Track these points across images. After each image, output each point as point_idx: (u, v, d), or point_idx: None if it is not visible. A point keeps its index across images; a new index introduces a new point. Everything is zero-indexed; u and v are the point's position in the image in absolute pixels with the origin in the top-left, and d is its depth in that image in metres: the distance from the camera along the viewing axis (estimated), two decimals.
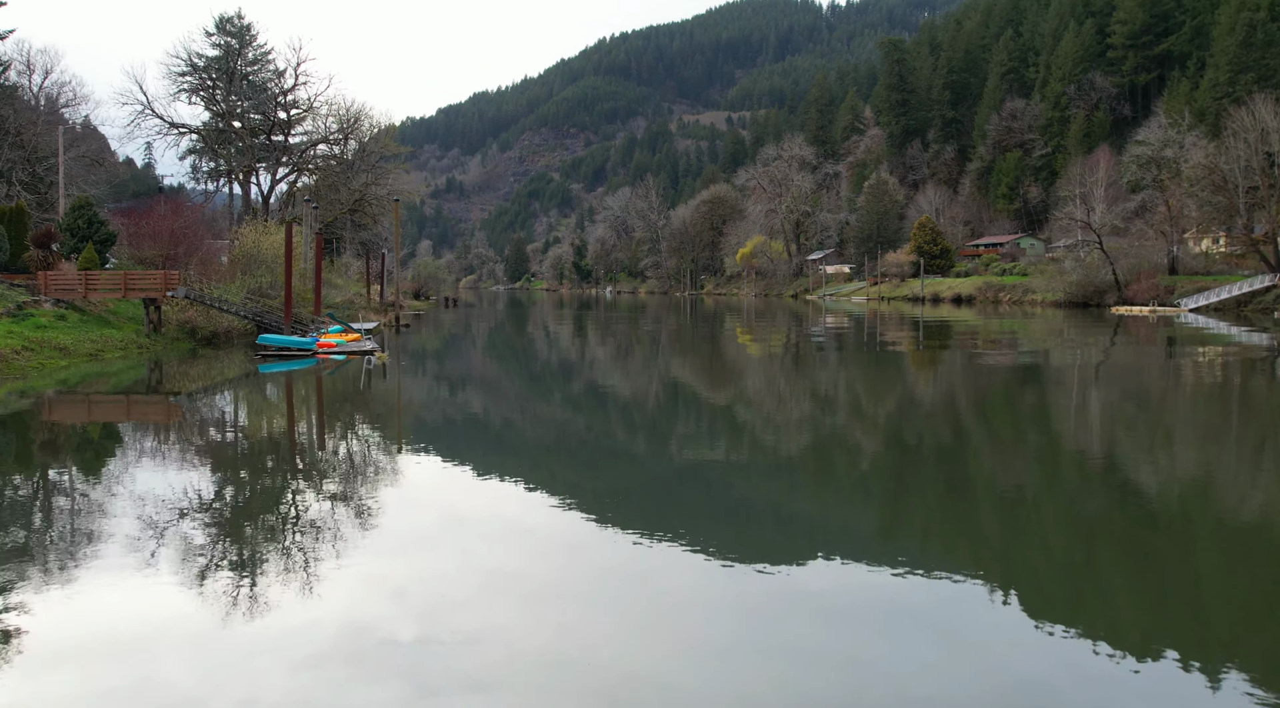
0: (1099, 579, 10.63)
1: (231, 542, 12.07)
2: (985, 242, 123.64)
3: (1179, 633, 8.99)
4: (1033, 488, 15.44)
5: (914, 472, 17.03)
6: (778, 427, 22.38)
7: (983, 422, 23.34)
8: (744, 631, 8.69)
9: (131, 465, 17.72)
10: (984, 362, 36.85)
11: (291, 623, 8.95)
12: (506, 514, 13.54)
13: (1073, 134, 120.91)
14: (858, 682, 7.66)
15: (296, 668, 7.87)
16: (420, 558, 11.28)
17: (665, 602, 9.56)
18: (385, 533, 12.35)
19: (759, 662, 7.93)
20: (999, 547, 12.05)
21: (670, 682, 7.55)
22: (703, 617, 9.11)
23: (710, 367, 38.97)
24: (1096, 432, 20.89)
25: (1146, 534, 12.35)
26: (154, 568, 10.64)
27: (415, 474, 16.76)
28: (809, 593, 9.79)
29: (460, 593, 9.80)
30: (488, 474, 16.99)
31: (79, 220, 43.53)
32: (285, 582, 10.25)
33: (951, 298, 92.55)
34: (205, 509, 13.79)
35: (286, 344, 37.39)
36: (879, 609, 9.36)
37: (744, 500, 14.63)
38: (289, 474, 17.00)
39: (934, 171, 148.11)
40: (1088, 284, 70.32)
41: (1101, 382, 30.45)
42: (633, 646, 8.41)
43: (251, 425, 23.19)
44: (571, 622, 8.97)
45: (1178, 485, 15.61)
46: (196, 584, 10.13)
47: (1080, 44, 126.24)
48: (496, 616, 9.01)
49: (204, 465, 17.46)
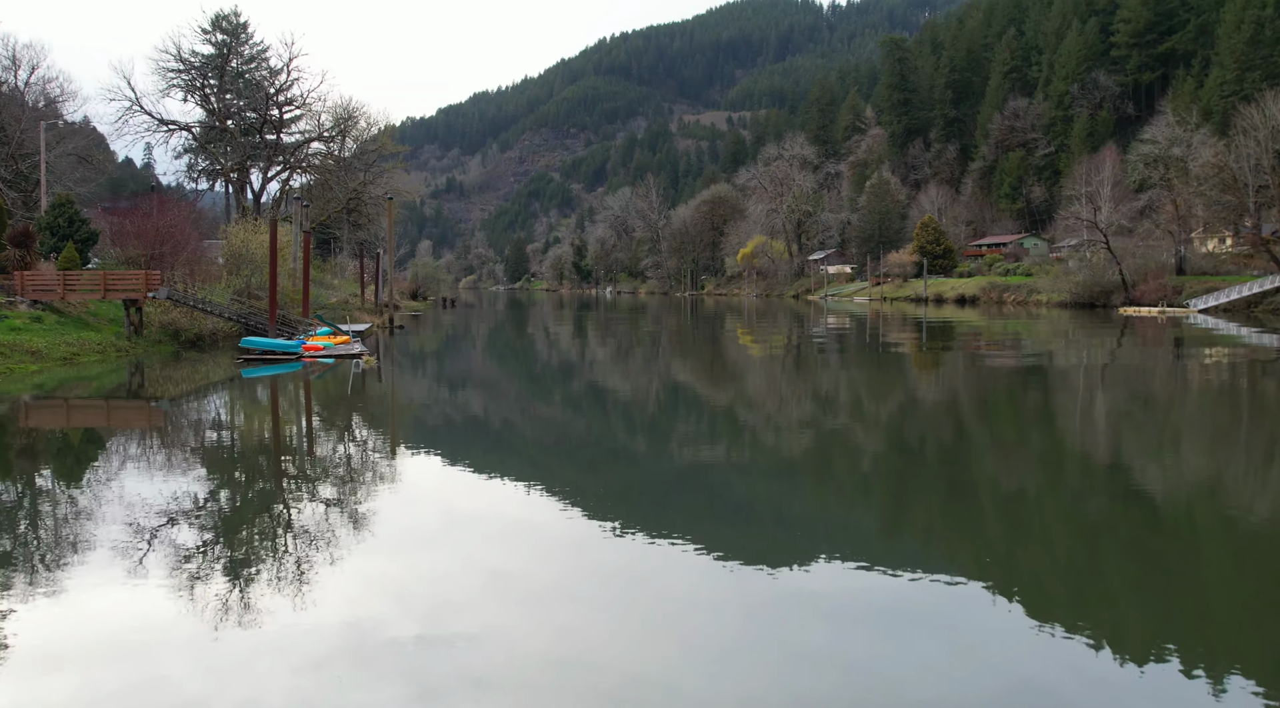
0: (1103, 582, 10.53)
1: (226, 546, 11.97)
2: (988, 242, 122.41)
3: (1185, 637, 8.83)
4: (1037, 490, 15.20)
5: (917, 473, 16.73)
6: (780, 428, 21.95)
7: (987, 424, 22.45)
8: (746, 632, 8.66)
9: (118, 470, 17.15)
10: (989, 363, 35.66)
11: (292, 625, 8.90)
12: (507, 515, 13.52)
13: (1076, 133, 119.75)
14: (861, 684, 7.62)
15: (298, 670, 7.81)
16: (420, 559, 11.23)
17: (668, 603, 9.54)
18: (384, 535, 12.20)
19: (761, 663, 7.90)
20: (1002, 549, 11.92)
21: (673, 683, 7.53)
22: (705, 618, 9.07)
23: (712, 368, 37.77)
24: (1102, 434, 20.03)
25: (1152, 537, 12.17)
26: (151, 572, 10.53)
27: (410, 477, 16.45)
28: (812, 594, 9.73)
29: (462, 595, 9.78)
30: (485, 475, 16.74)
31: (59, 218, 42.33)
32: (284, 584, 10.18)
33: (955, 298, 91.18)
34: (199, 513, 13.60)
35: (271, 348, 35.70)
36: (882, 611, 9.29)
37: (746, 502, 14.49)
38: (281, 478, 16.63)
39: (936, 171, 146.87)
40: (1094, 285, 68.88)
41: (1109, 383, 29.27)
42: (636, 647, 8.39)
43: (240, 430, 22.03)
44: (574, 623, 8.94)
45: (1185, 488, 15.30)
46: (193, 588, 10.04)
47: (1084, 42, 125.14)
48: (499, 616, 9.00)
49: (190, 470, 16.85)
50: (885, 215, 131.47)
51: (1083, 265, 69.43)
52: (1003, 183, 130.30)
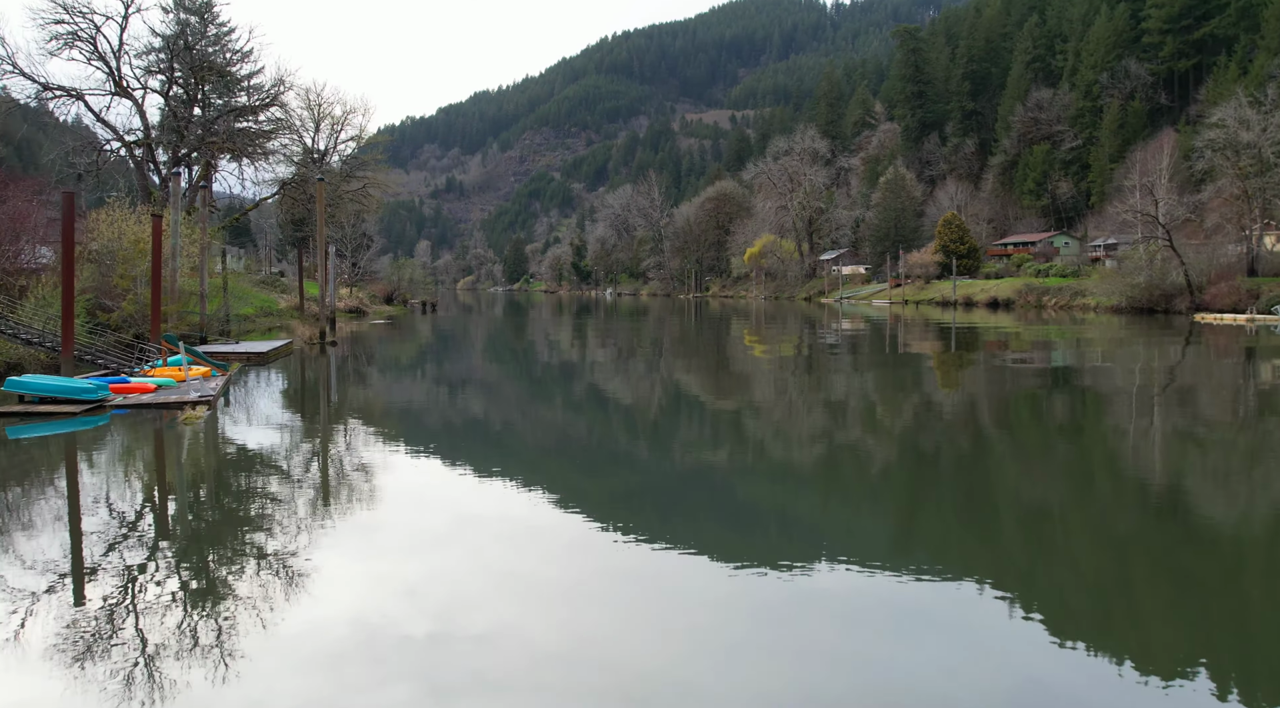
0: (1134, 598, 9.49)
1: (226, 548, 11.10)
2: (1014, 240, 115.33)
3: (1221, 661, 7.90)
4: (1129, 526, 12.60)
5: (979, 496, 14.57)
6: (805, 441, 19.56)
7: (1065, 456, 16.27)
8: (760, 631, 8.50)
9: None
10: (1079, 388, 28.37)
11: (301, 624, 8.55)
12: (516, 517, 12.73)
13: (1106, 125, 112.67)
14: (877, 682, 7.41)
15: (307, 669, 7.61)
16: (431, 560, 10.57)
17: (680, 602, 9.31)
18: (392, 538, 11.38)
19: (776, 661, 7.75)
20: (1043, 567, 10.68)
21: (688, 681, 7.40)
22: (718, 617, 8.90)
23: (729, 384, 30.35)
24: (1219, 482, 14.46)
25: (1193, 558, 10.89)
26: (157, 569, 10.19)
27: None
28: (825, 594, 9.45)
29: (475, 594, 9.47)
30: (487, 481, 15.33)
31: None
32: (291, 585, 9.63)
33: (987, 302, 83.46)
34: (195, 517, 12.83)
35: (53, 391, 21.59)
36: (897, 612, 8.95)
37: (759, 506, 14.08)
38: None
39: (953, 166, 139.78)
40: (1154, 287, 61.17)
41: (1243, 418, 21.89)
42: (649, 645, 8.22)
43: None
44: (587, 622, 8.78)
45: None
46: (197, 587, 9.66)
47: (1113, 29, 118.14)
48: (511, 616, 8.77)
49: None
50: (901, 213, 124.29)
51: (1143, 266, 61.67)
52: (1026, 178, 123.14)
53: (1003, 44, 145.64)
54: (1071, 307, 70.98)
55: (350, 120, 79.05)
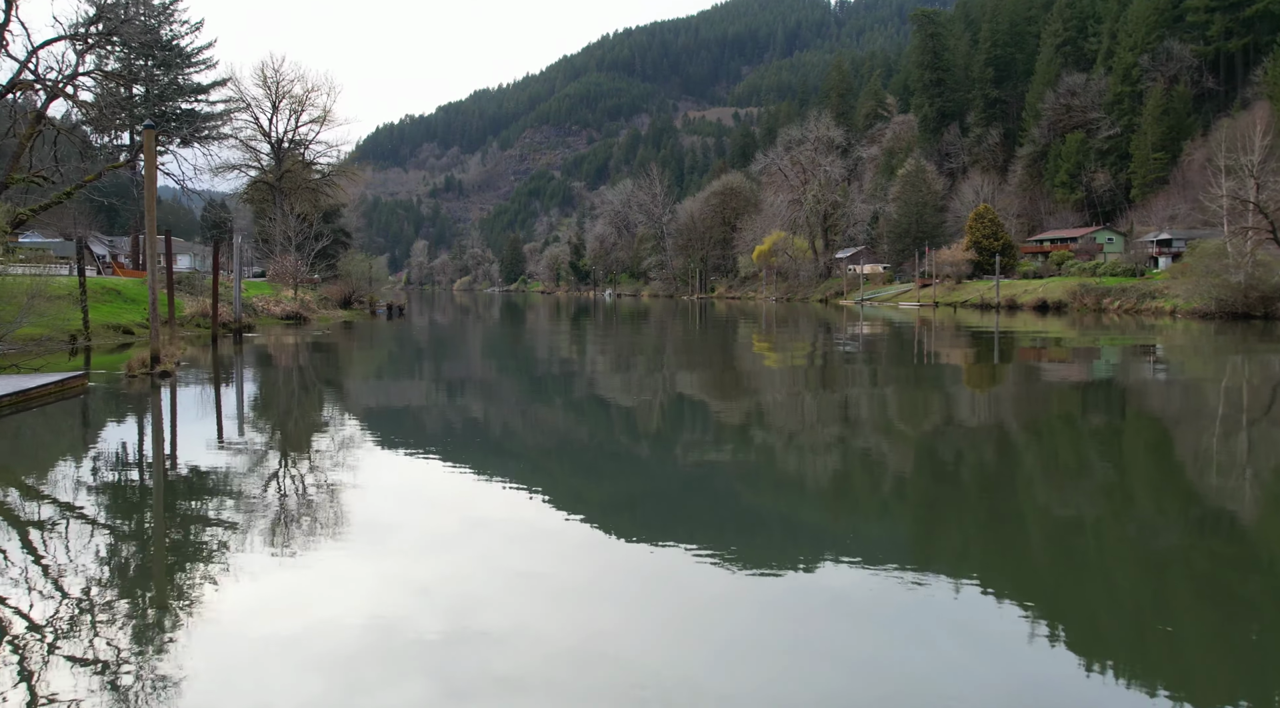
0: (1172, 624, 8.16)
1: (231, 546, 10.33)
2: (1050, 236, 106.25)
3: (1256, 687, 6.93)
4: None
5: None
6: (838, 460, 16.05)
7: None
8: (772, 631, 8.00)
9: None
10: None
11: (311, 622, 8.06)
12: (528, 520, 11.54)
13: (1149, 111, 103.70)
14: (890, 684, 6.85)
15: (318, 668, 7.16)
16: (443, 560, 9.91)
17: (693, 603, 8.76)
18: (404, 537, 10.56)
19: (788, 662, 7.28)
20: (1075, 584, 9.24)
21: (700, 680, 6.99)
22: (730, 617, 8.34)
23: (756, 409, 21.15)
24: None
25: (1240, 582, 9.36)
26: (160, 570, 9.70)
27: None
28: (839, 597, 8.74)
29: (488, 593, 8.88)
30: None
31: None
32: (302, 583, 9.13)
33: (1034, 304, 74.06)
34: (198, 516, 11.59)
35: None
36: (913, 616, 8.19)
37: (774, 511, 12.77)
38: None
39: (975, 158, 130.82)
40: (1251, 288, 51.66)
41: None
42: (662, 645, 7.77)
43: None
44: (600, 622, 8.27)
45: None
46: (208, 585, 9.06)
47: (1153, 7, 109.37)
48: (524, 615, 8.25)
49: None
50: (922, 207, 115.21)
51: (1237, 261, 52.10)
52: (1058, 170, 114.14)
53: (1028, 28, 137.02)
54: (1140, 310, 61.57)
55: (313, 99, 70.06)
